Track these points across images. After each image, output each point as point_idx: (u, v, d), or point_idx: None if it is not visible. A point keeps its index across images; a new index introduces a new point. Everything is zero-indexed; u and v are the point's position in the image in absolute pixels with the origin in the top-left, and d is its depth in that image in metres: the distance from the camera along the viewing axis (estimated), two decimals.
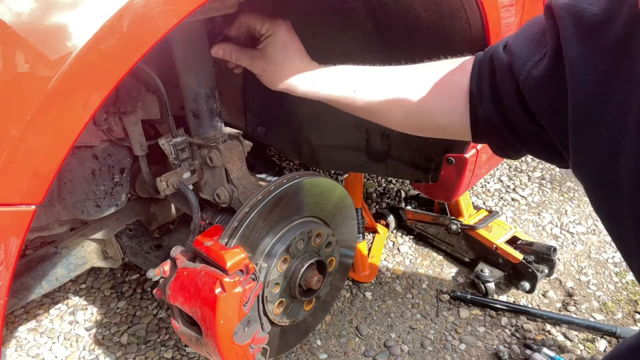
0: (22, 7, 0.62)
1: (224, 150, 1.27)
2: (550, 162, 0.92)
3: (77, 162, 1.26)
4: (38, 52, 0.62)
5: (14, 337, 1.85)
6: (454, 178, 1.52)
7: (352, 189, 2.05)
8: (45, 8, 0.63)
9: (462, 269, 2.18)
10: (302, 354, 1.78)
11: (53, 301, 2.02)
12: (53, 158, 0.66)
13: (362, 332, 1.86)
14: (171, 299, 1.16)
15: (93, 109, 0.68)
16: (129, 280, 2.12)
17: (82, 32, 0.64)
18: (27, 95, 0.63)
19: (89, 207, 1.31)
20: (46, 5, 0.63)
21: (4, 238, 0.65)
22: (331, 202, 1.41)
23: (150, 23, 0.69)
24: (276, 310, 1.28)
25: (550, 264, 1.96)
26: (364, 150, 1.69)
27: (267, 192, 1.23)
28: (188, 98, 1.28)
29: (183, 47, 1.20)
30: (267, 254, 1.25)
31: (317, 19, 1.44)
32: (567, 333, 1.85)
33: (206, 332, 1.11)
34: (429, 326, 1.90)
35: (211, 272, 1.09)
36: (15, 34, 0.61)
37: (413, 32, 1.33)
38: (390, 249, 2.32)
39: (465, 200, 2.16)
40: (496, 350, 1.78)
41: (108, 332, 1.87)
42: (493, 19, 1.18)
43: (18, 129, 0.62)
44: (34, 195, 0.66)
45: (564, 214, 2.55)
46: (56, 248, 1.47)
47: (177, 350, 1.78)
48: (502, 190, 2.76)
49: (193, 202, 1.26)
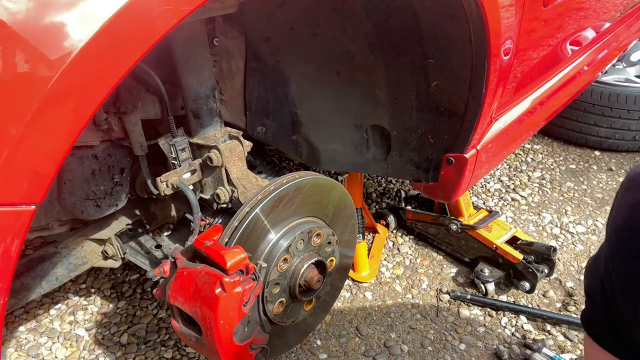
0: (22, 7, 0.62)
1: (224, 150, 1.27)
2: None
3: (77, 162, 1.26)
4: (38, 52, 0.62)
5: (14, 337, 1.85)
6: (454, 178, 1.52)
7: (352, 189, 2.05)
8: (46, 8, 0.63)
9: (462, 269, 2.18)
10: (302, 354, 1.78)
11: (53, 301, 2.02)
12: (53, 158, 0.67)
13: (362, 332, 1.86)
14: (171, 299, 1.16)
15: (93, 109, 0.68)
16: (129, 280, 2.12)
17: (82, 32, 0.64)
18: (27, 96, 0.63)
19: (89, 207, 1.31)
20: (46, 6, 0.63)
21: (4, 238, 0.65)
22: (331, 202, 1.41)
23: (150, 23, 0.69)
24: (276, 310, 1.28)
25: (550, 264, 1.96)
26: (364, 150, 1.69)
27: (267, 192, 1.23)
28: (188, 98, 1.28)
29: (183, 47, 1.20)
30: (267, 253, 1.25)
31: (317, 19, 1.44)
32: (567, 333, 1.85)
33: (206, 332, 1.11)
34: (429, 326, 1.90)
35: (211, 272, 1.09)
36: (15, 34, 0.61)
37: (413, 32, 1.33)
38: (390, 249, 2.32)
39: (465, 200, 2.16)
40: (496, 350, 1.78)
41: (108, 332, 1.87)
42: (493, 19, 1.18)
43: (18, 129, 0.62)
44: (33, 195, 0.66)
45: (564, 214, 2.55)
46: (56, 248, 1.47)
47: (177, 350, 1.78)
48: (502, 190, 2.76)
49: (193, 202, 1.26)
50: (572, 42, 1.89)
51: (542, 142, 3.26)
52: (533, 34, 1.47)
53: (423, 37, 1.33)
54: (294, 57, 1.58)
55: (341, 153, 1.73)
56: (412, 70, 1.43)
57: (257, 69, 1.65)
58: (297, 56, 1.58)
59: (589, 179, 2.87)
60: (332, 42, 1.47)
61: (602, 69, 2.60)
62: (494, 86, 1.33)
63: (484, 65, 1.26)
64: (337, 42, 1.47)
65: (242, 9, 1.42)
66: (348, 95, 1.60)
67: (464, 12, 1.17)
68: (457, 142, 1.46)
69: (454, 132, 1.46)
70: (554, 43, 1.71)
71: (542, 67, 1.74)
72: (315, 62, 1.57)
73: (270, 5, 1.43)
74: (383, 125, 1.60)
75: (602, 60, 2.40)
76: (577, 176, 2.90)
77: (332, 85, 1.59)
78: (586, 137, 3.10)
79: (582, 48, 2.07)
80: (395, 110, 1.55)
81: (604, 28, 2.20)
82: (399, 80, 1.48)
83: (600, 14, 2.04)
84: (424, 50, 1.36)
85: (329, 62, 1.55)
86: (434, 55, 1.36)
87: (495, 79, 1.31)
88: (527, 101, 1.76)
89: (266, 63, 1.62)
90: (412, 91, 1.48)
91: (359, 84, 1.55)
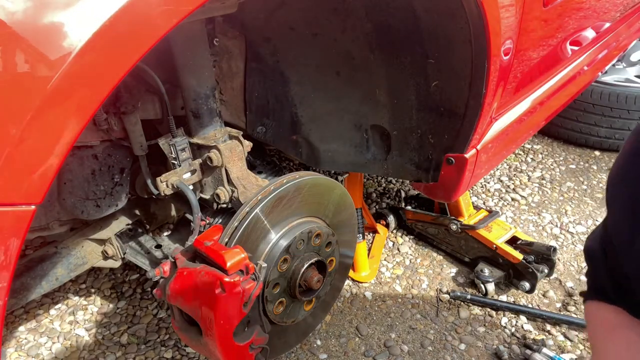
0: (22, 7, 0.62)
1: (224, 150, 1.27)
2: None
3: (77, 162, 1.26)
4: (38, 52, 0.62)
5: (14, 337, 1.85)
6: (454, 178, 1.52)
7: (352, 189, 2.05)
8: (46, 8, 0.63)
9: (462, 269, 2.18)
10: (302, 354, 1.78)
11: (53, 301, 2.02)
12: (53, 158, 0.66)
13: (362, 332, 1.86)
14: (171, 299, 1.16)
15: (93, 109, 0.68)
16: (129, 280, 2.12)
17: (82, 32, 0.64)
18: (27, 95, 0.63)
19: (89, 207, 1.31)
20: (46, 5, 0.63)
21: (4, 238, 0.65)
22: (331, 202, 1.41)
23: (150, 23, 0.69)
24: (276, 310, 1.28)
25: (550, 264, 1.96)
26: (364, 150, 1.69)
27: (267, 192, 1.23)
28: (188, 98, 1.28)
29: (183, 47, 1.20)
30: (267, 254, 1.25)
31: (317, 19, 1.44)
32: (567, 333, 1.85)
33: (206, 332, 1.11)
34: (429, 326, 1.90)
35: (211, 272, 1.09)
36: (16, 34, 0.61)
37: (413, 32, 1.33)
38: (390, 249, 2.32)
39: (465, 200, 2.16)
40: (496, 350, 1.78)
41: (108, 332, 1.87)
42: (493, 19, 1.18)
43: (18, 129, 0.62)
44: (33, 195, 0.66)
45: (564, 214, 2.55)
46: (56, 248, 1.47)
47: (177, 350, 1.78)
48: (502, 190, 2.76)
49: (193, 202, 1.26)
50: (572, 42, 1.89)
51: (542, 142, 3.26)
52: (533, 34, 1.47)
53: (423, 37, 1.33)
54: (294, 57, 1.58)
55: (341, 153, 1.73)
56: (412, 70, 1.43)
57: (257, 69, 1.65)
58: (297, 56, 1.58)
59: (589, 179, 2.87)
60: (332, 42, 1.47)
61: (602, 69, 2.60)
62: (494, 86, 1.33)
63: (484, 65, 1.26)
64: (337, 42, 1.47)
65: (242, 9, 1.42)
66: (348, 95, 1.60)
67: (464, 12, 1.17)
68: (457, 142, 1.46)
69: (454, 132, 1.46)
70: (554, 43, 1.71)
71: (542, 67, 1.74)
72: (315, 62, 1.57)
73: (270, 5, 1.43)
74: (383, 125, 1.60)
75: (602, 60, 2.40)
76: (577, 176, 2.90)
77: (332, 85, 1.59)
78: (586, 137, 3.10)
79: (582, 48, 2.07)
80: (395, 110, 1.55)
81: (604, 28, 2.20)
82: (399, 80, 1.48)
83: (600, 14, 2.04)
84: (424, 50, 1.36)
85: (329, 62, 1.55)
86: (434, 55, 1.36)
87: (495, 79, 1.31)
88: (527, 101, 1.76)
89: (266, 63, 1.62)
90: (412, 91, 1.48)
91: (359, 84, 1.55)
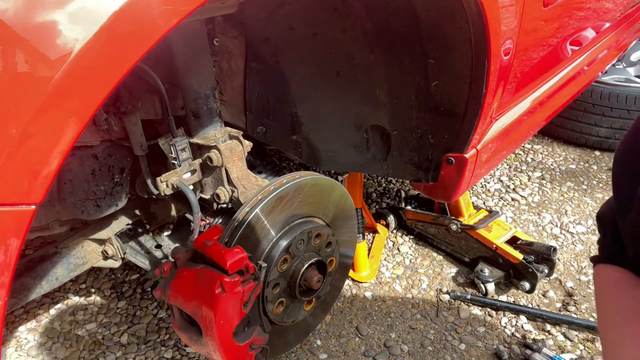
0: (22, 7, 0.62)
1: (224, 150, 1.27)
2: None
3: (77, 162, 1.26)
4: (38, 52, 0.62)
5: (14, 337, 1.85)
6: (454, 178, 1.52)
7: (352, 189, 2.05)
8: (46, 8, 0.63)
9: (462, 269, 2.18)
10: (302, 354, 1.78)
11: (53, 301, 2.02)
12: (53, 158, 0.66)
13: (362, 332, 1.86)
14: (171, 299, 1.16)
15: (93, 109, 0.68)
16: (129, 280, 2.12)
17: (82, 32, 0.64)
18: (27, 95, 0.63)
19: (89, 207, 1.31)
20: (46, 5, 0.63)
21: (4, 238, 0.65)
22: (331, 202, 1.41)
23: (150, 23, 0.69)
24: (276, 310, 1.28)
25: (550, 264, 1.96)
26: (364, 150, 1.69)
27: (267, 192, 1.23)
28: (188, 98, 1.28)
29: (183, 47, 1.20)
30: (267, 253, 1.25)
31: (317, 18, 1.44)
32: (567, 333, 1.85)
33: (206, 332, 1.12)
34: (429, 326, 1.90)
35: (211, 272, 1.09)
36: (15, 34, 0.61)
37: (413, 32, 1.33)
38: (390, 249, 2.32)
39: (465, 200, 2.16)
40: (496, 350, 1.78)
41: (108, 332, 1.87)
42: (493, 19, 1.17)
43: (18, 128, 0.62)
44: (34, 195, 0.66)
45: (564, 214, 2.55)
46: (56, 248, 1.47)
47: (177, 350, 1.78)
48: (502, 190, 2.76)
49: (193, 202, 1.26)
50: (572, 42, 1.89)
51: (542, 142, 3.26)
52: (533, 34, 1.47)
53: (423, 37, 1.33)
54: (294, 57, 1.58)
55: (341, 153, 1.73)
56: (412, 70, 1.43)
57: (257, 69, 1.65)
58: (297, 56, 1.58)
59: (589, 179, 2.87)
60: (332, 42, 1.47)
61: (602, 69, 2.60)
62: (494, 86, 1.33)
63: (484, 65, 1.26)
64: (337, 42, 1.47)
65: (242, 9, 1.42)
66: (348, 95, 1.60)
67: (464, 12, 1.17)
68: (457, 142, 1.46)
69: (454, 132, 1.46)
70: (554, 43, 1.71)
71: (542, 67, 1.74)
72: (315, 62, 1.57)
73: (270, 5, 1.43)
74: (383, 125, 1.60)
75: (602, 60, 2.40)
76: (577, 176, 2.90)
77: (332, 85, 1.59)
78: (586, 137, 3.10)
79: (582, 48, 2.07)
80: (395, 110, 1.55)
81: (604, 28, 2.20)
82: (399, 80, 1.48)
83: (600, 14, 2.04)
84: (424, 50, 1.36)
85: (329, 62, 1.55)
86: (434, 55, 1.36)
87: (495, 79, 1.31)
88: (527, 101, 1.76)
89: (266, 63, 1.62)
90: (412, 91, 1.48)
91: (359, 84, 1.55)
